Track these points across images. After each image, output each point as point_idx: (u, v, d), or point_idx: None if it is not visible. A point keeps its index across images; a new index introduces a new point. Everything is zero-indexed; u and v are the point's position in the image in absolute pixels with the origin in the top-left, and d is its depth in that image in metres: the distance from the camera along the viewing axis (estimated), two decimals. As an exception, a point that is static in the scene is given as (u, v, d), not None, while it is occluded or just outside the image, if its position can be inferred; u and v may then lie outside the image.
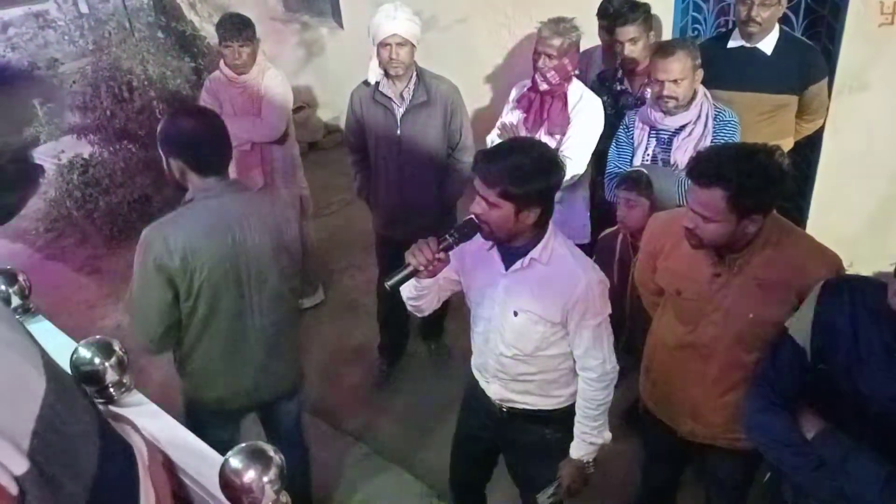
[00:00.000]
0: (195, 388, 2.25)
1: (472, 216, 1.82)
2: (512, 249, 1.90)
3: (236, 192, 2.11)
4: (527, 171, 1.76)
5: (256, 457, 0.96)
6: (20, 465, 0.71)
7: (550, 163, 1.83)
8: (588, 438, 2.07)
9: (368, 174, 3.28)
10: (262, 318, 2.17)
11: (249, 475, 0.95)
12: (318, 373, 3.64)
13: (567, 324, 1.93)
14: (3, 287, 1.43)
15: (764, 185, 1.72)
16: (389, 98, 3.03)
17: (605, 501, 2.87)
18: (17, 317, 1.37)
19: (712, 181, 1.74)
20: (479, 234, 1.86)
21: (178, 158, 2.04)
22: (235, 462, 0.96)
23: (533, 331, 1.94)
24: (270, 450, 0.98)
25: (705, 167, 1.77)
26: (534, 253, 1.88)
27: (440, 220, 3.19)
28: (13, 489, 0.70)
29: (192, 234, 1.98)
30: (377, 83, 3.06)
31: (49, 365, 0.82)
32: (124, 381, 1.21)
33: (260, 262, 2.10)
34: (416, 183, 3.10)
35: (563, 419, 2.10)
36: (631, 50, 2.99)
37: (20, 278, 1.44)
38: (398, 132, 3.04)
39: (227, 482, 0.96)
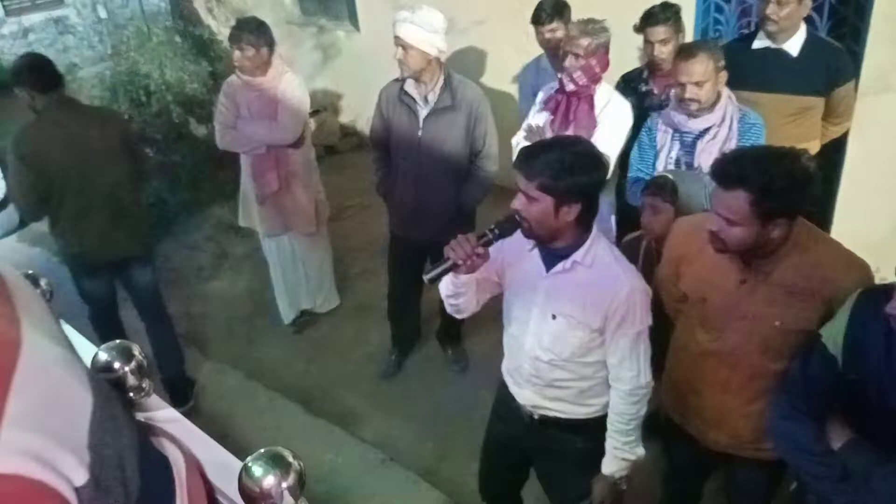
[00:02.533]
0: (65, 246, 3.23)
1: (514, 212, 1.80)
2: (554, 251, 1.87)
3: (73, 106, 3.09)
4: (566, 165, 1.74)
5: (276, 462, 0.94)
6: (81, 477, 0.70)
7: (593, 158, 1.80)
8: (619, 454, 2.01)
9: (389, 172, 3.28)
10: (101, 192, 3.04)
11: (268, 481, 0.93)
12: (333, 377, 3.63)
13: (605, 330, 1.89)
14: None
15: (789, 188, 1.67)
16: (414, 99, 3.03)
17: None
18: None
19: (736, 183, 1.70)
20: (519, 233, 1.83)
21: (26, 86, 2.91)
22: (254, 467, 0.94)
23: (571, 335, 1.90)
24: (290, 455, 0.96)
25: (729, 169, 1.73)
26: (576, 255, 1.85)
27: (454, 225, 3.18)
28: (74, 501, 0.69)
29: (44, 134, 2.91)
30: (404, 81, 3.06)
31: (92, 378, 0.81)
32: (143, 385, 1.19)
33: (94, 153, 2.98)
34: (433, 186, 3.10)
35: (596, 429, 2.04)
36: (661, 51, 2.97)
37: (42, 283, 1.42)
38: (419, 134, 3.04)
39: (246, 487, 0.94)
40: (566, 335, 1.90)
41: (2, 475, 0.62)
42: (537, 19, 3.31)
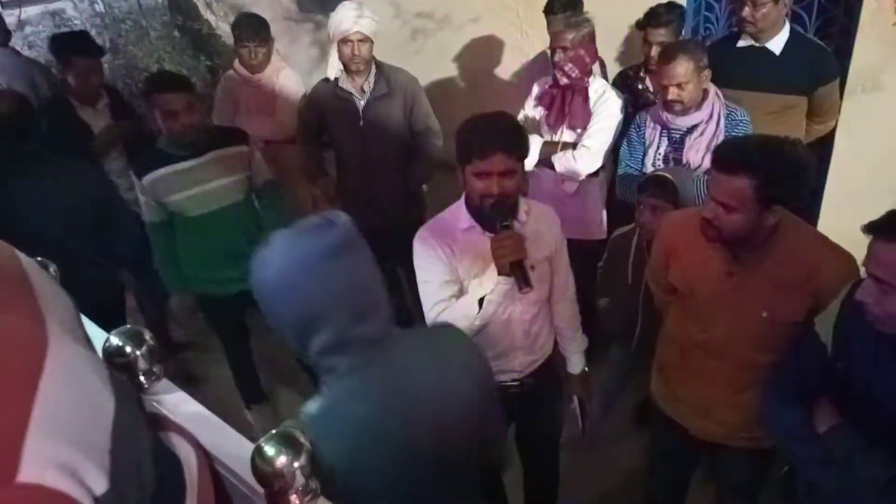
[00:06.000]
0: None
1: (500, 197, 1.85)
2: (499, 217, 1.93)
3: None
4: (519, 131, 1.89)
5: (288, 443, 0.98)
6: (102, 485, 0.66)
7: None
8: (581, 348, 2.32)
9: (319, 163, 3.39)
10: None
11: (281, 461, 0.96)
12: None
13: (553, 256, 2.10)
14: None
15: (791, 175, 1.70)
16: (350, 93, 3.10)
17: (614, 500, 2.89)
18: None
19: (740, 168, 1.71)
20: (443, 227, 2.01)
21: None
22: (267, 448, 0.97)
23: (547, 274, 2.10)
24: (301, 436, 1.00)
25: (732, 154, 1.75)
26: (523, 207, 1.99)
27: (405, 206, 3.29)
28: None
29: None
30: (336, 79, 3.13)
31: (113, 378, 0.78)
32: (154, 369, 1.23)
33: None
34: (382, 170, 3.19)
35: (554, 353, 2.29)
36: (658, 52, 2.99)
37: (50, 269, 1.46)
38: (361, 123, 3.11)
39: (258, 468, 0.98)
40: (545, 276, 2.07)
41: (23, 485, 0.59)
42: (550, 9, 3.30)
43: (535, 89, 3.10)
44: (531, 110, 3.07)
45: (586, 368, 2.36)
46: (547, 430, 2.40)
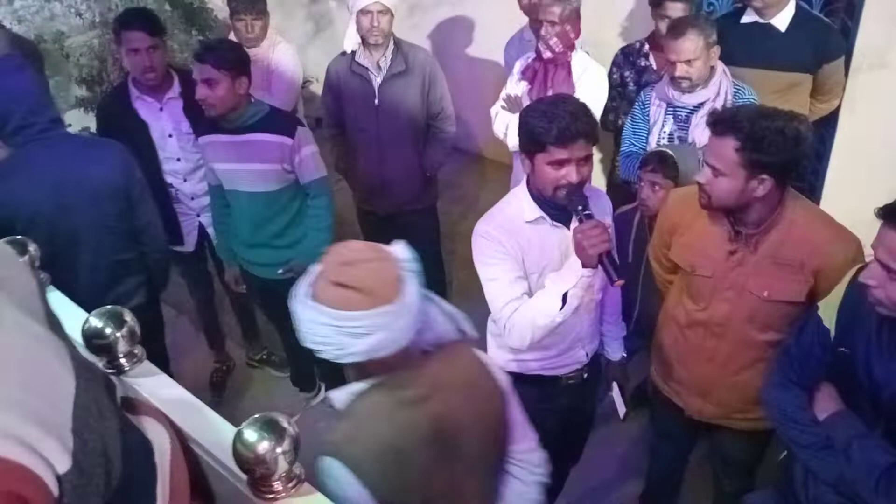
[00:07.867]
0: None
1: (577, 184, 1.77)
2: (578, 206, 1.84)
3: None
4: (591, 111, 1.81)
5: (270, 428, 0.94)
6: (64, 463, 0.66)
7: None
8: (621, 334, 2.30)
9: (346, 149, 3.27)
10: None
11: (262, 447, 0.93)
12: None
13: None
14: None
15: (777, 142, 1.68)
16: (367, 68, 3.01)
17: (612, 480, 2.88)
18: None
19: (726, 130, 1.73)
20: (504, 219, 1.92)
21: None
22: (249, 433, 0.94)
23: None
24: (284, 421, 0.96)
25: (723, 116, 1.78)
26: (587, 191, 1.89)
27: (421, 191, 3.21)
28: (56, 489, 0.65)
29: None
30: (353, 53, 3.04)
31: (76, 359, 0.77)
32: (135, 351, 1.19)
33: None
34: (396, 153, 3.10)
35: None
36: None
37: (30, 248, 1.42)
38: (376, 101, 3.03)
39: (240, 453, 0.94)
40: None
41: None
42: None
43: (518, 64, 3.05)
44: (514, 87, 3.01)
45: (624, 354, 2.33)
46: (588, 418, 2.40)
